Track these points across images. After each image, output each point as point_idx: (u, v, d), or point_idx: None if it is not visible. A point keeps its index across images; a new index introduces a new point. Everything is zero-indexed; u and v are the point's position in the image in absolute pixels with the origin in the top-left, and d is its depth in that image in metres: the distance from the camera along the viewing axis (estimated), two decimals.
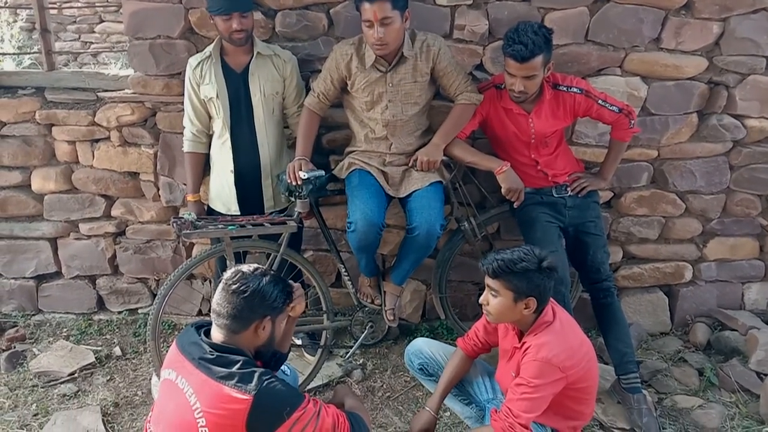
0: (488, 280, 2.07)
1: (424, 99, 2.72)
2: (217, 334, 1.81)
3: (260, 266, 1.90)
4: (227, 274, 1.85)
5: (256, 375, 1.71)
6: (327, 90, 2.72)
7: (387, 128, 2.71)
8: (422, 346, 2.53)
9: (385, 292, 2.91)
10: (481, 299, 2.13)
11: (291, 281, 1.98)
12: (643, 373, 2.98)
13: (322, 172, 2.65)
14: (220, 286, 1.82)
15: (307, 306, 2.20)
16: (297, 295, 1.99)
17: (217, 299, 1.81)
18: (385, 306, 2.89)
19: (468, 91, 2.71)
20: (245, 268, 1.86)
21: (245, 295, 1.78)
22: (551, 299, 2.11)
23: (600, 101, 2.66)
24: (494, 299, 2.07)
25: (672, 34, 2.95)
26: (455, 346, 2.45)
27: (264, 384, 1.69)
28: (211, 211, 2.97)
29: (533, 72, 2.49)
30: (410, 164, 2.73)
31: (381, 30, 2.44)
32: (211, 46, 2.76)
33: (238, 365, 1.71)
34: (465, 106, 2.72)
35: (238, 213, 2.86)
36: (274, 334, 1.88)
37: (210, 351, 1.75)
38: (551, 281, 2.05)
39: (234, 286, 1.78)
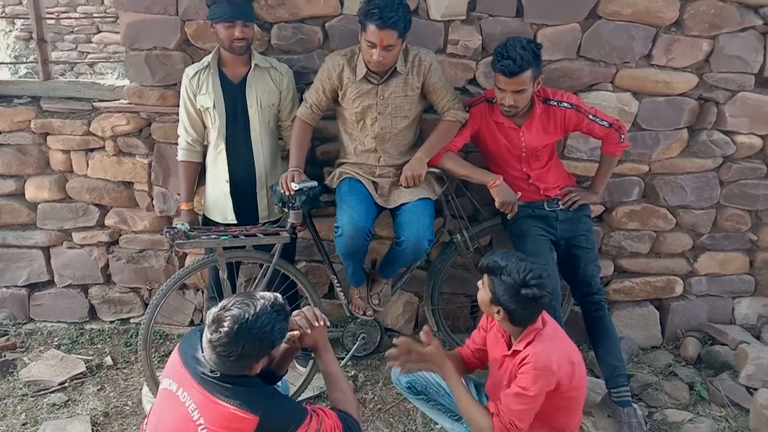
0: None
1: (414, 113, 2.75)
2: None
3: (246, 306, 1.74)
4: (209, 322, 1.72)
5: (262, 394, 1.74)
6: (319, 101, 2.74)
7: (376, 141, 2.74)
8: None
9: (373, 280, 2.94)
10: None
11: (286, 305, 1.86)
12: (633, 386, 2.99)
13: (315, 183, 2.66)
14: (209, 343, 1.72)
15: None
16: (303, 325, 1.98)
17: (209, 357, 1.73)
18: (370, 291, 2.91)
19: (455, 108, 2.74)
20: (226, 323, 1.69)
21: (231, 358, 1.71)
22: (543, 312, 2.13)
23: (590, 116, 2.69)
24: (480, 290, 2.13)
25: (663, 50, 3.00)
26: None
27: (269, 403, 1.72)
28: (207, 221, 2.98)
29: (522, 86, 2.52)
30: (399, 183, 2.74)
31: (383, 53, 2.48)
32: (209, 56, 2.78)
33: (241, 384, 1.73)
34: (450, 122, 2.76)
35: (235, 222, 2.87)
36: (273, 359, 1.90)
37: (212, 370, 1.75)
38: (529, 309, 2.02)
39: (219, 350, 1.70)
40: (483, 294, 2.12)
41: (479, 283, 2.15)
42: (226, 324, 1.69)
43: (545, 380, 1.97)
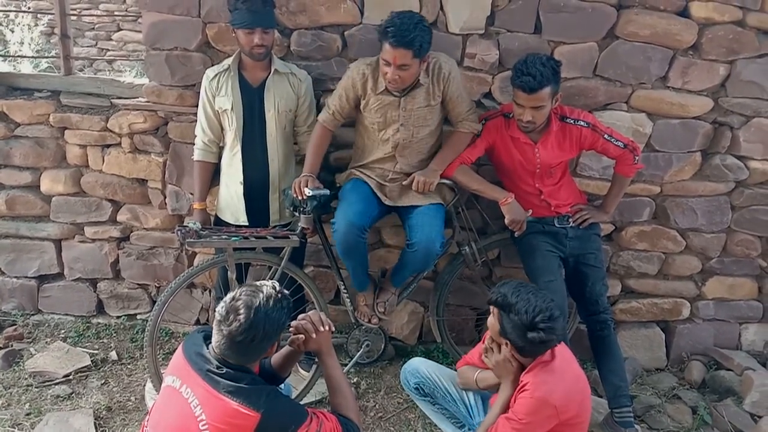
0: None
1: (436, 120, 2.76)
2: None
3: (254, 293, 1.82)
4: (224, 315, 1.77)
5: (264, 393, 1.75)
6: (342, 107, 2.74)
7: (396, 149, 2.75)
8: (419, 365, 2.54)
9: (381, 289, 2.95)
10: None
11: (289, 296, 1.92)
12: (636, 408, 2.97)
13: (327, 192, 2.68)
14: (223, 333, 1.76)
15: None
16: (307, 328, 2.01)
17: (223, 346, 1.77)
18: (377, 299, 2.93)
19: (470, 120, 2.76)
20: (242, 310, 1.76)
21: (254, 342, 1.77)
22: None
23: (606, 136, 2.70)
24: (491, 316, 2.12)
25: (679, 73, 3.01)
26: (452, 368, 2.46)
27: (271, 402, 1.73)
28: (219, 221, 3.00)
29: (541, 103, 2.53)
30: (407, 183, 2.76)
31: (397, 72, 2.48)
32: (230, 59, 2.81)
33: (245, 381, 1.75)
34: (464, 134, 2.77)
35: (247, 223, 2.90)
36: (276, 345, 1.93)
37: (218, 366, 1.77)
38: (537, 348, 2.02)
39: (240, 338, 1.74)
40: (493, 322, 2.11)
41: (491, 308, 2.13)
42: (241, 312, 1.76)
43: (542, 412, 1.96)
